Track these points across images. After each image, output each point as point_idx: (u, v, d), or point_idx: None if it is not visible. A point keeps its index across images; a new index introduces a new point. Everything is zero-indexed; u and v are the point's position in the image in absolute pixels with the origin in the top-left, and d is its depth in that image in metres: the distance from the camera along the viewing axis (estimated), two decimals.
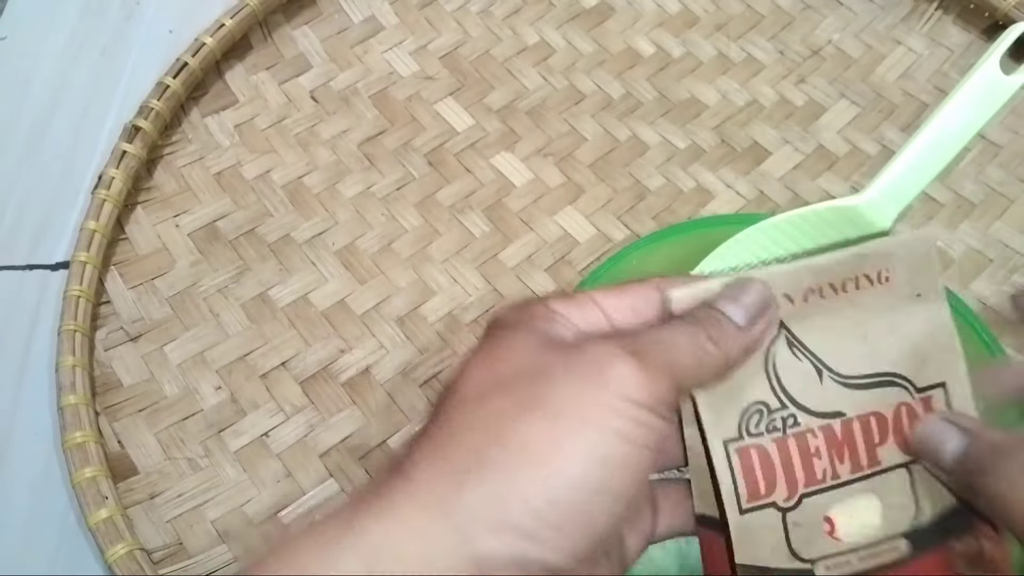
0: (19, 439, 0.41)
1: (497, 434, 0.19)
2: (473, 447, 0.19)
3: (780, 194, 0.49)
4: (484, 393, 0.20)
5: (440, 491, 0.18)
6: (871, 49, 0.54)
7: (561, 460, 0.19)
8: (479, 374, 0.21)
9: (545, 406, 0.19)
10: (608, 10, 0.56)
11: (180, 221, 0.47)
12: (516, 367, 0.21)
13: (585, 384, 0.20)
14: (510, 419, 0.19)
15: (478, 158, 0.50)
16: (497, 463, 0.19)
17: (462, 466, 0.19)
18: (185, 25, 0.52)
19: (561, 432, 0.19)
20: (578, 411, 0.19)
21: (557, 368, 0.20)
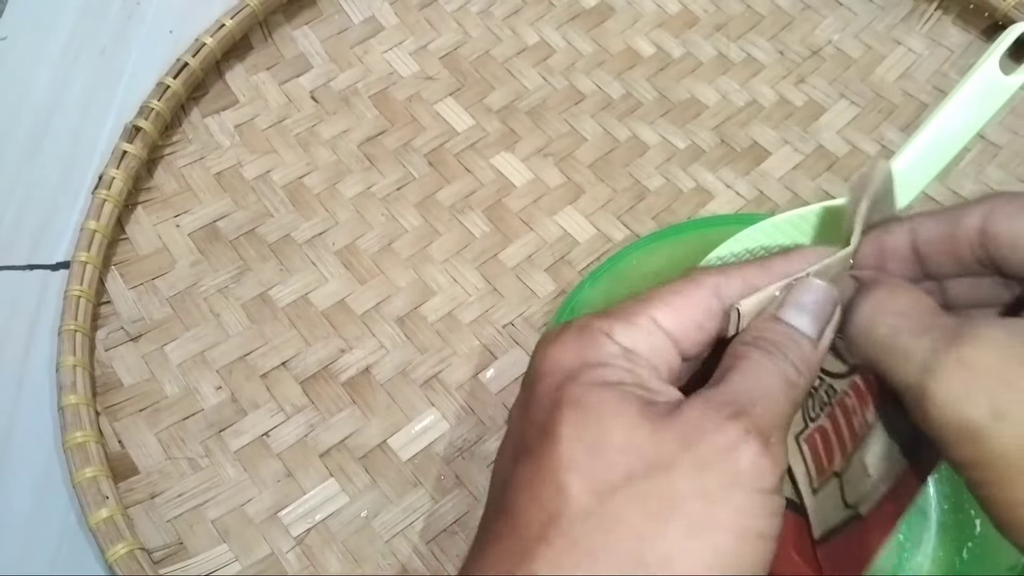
0: (19, 439, 0.41)
1: (636, 556, 0.17)
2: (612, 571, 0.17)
3: (780, 194, 0.49)
4: (605, 495, 0.18)
5: None
6: (871, 49, 0.54)
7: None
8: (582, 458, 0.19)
9: (679, 514, 0.18)
10: (608, 10, 0.56)
11: (180, 221, 0.47)
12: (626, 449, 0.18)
13: (716, 480, 0.18)
14: (645, 533, 0.18)
15: (478, 158, 0.50)
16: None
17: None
18: (185, 25, 0.52)
19: (701, 546, 0.18)
20: (714, 517, 0.18)
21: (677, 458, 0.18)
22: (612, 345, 0.21)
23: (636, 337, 0.21)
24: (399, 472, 0.40)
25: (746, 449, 0.18)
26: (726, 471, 0.18)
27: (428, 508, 0.40)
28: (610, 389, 0.20)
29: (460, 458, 0.41)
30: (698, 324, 0.21)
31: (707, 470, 0.18)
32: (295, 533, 0.39)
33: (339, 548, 0.39)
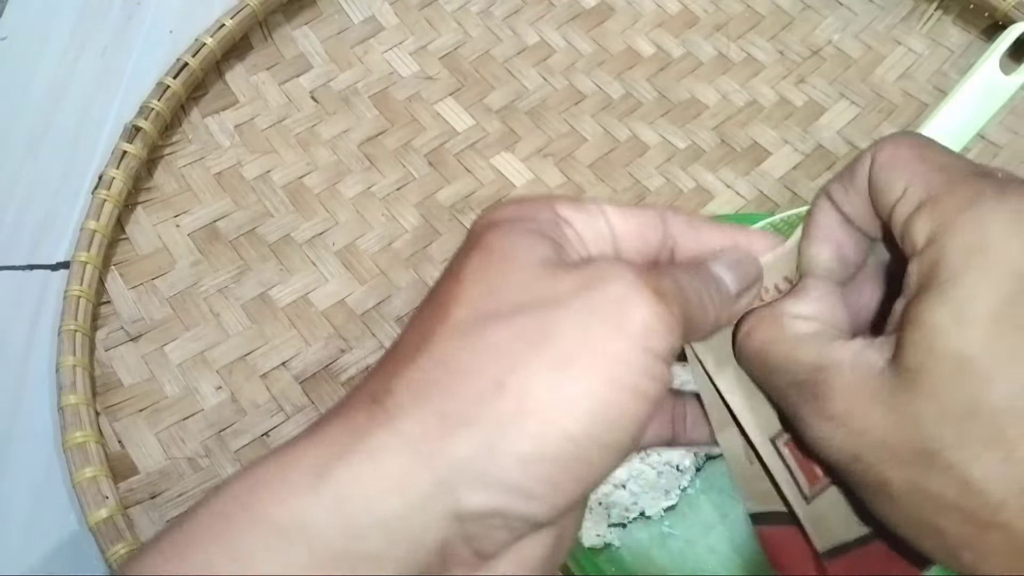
0: (19, 439, 0.41)
1: (496, 378, 0.17)
2: (469, 392, 0.17)
3: (780, 194, 0.49)
4: (482, 321, 0.18)
5: (427, 438, 0.17)
6: (871, 49, 0.54)
7: (564, 415, 0.17)
8: (475, 291, 0.18)
9: (553, 347, 0.17)
10: (608, 10, 0.56)
11: (180, 221, 0.47)
12: (520, 287, 0.18)
13: (601, 324, 0.17)
14: (512, 360, 0.17)
15: (478, 158, 0.50)
16: (493, 412, 0.17)
17: (454, 413, 0.17)
18: (185, 25, 0.53)
19: (568, 382, 0.17)
20: (590, 358, 0.17)
21: (570, 297, 0.18)
22: (550, 212, 0.20)
23: (578, 216, 0.20)
24: None
25: (641, 304, 0.18)
26: (614, 319, 0.18)
27: None
28: (524, 236, 0.19)
29: None
30: (640, 232, 0.21)
31: (595, 314, 0.18)
32: None
33: None
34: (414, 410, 0.17)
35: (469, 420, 0.17)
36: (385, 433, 0.17)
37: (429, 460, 0.16)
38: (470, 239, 0.20)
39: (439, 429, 0.17)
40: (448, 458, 0.16)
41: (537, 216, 0.20)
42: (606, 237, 0.21)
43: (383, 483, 0.16)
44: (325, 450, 0.17)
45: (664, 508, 0.39)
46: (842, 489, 0.23)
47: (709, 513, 0.40)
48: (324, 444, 0.17)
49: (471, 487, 0.17)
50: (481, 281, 0.19)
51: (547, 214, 0.20)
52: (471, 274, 0.19)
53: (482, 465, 0.17)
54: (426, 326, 0.18)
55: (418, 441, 0.17)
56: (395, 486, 0.16)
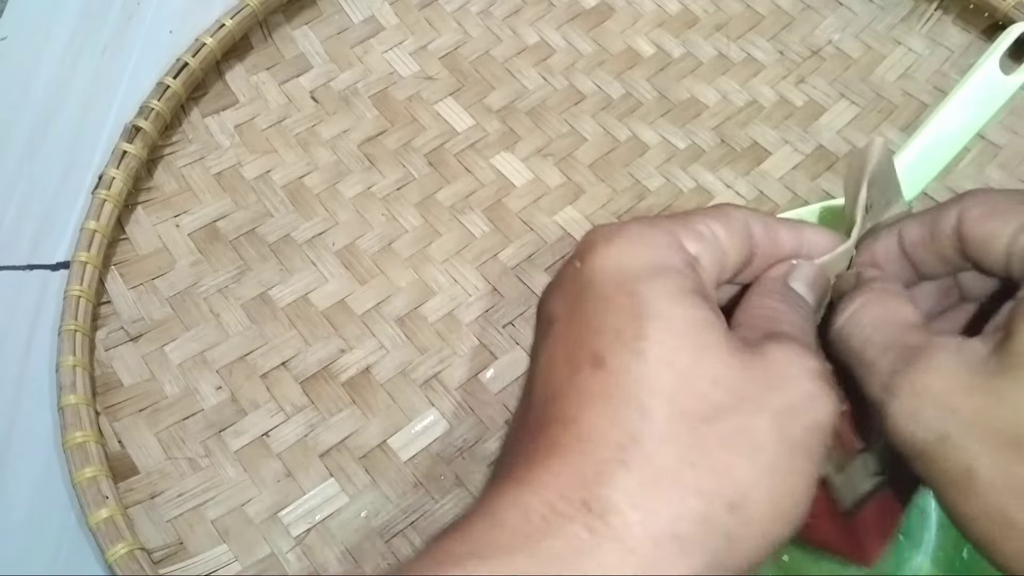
0: (19, 439, 0.41)
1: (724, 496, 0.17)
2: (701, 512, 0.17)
3: (780, 194, 0.49)
4: (691, 422, 0.18)
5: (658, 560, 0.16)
6: (871, 49, 0.54)
7: (778, 524, 0.18)
8: (670, 380, 0.18)
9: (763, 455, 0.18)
10: (608, 10, 0.56)
11: (180, 221, 0.47)
12: (716, 380, 0.18)
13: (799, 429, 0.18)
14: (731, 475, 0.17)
15: (478, 158, 0.50)
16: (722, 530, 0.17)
17: (690, 537, 0.17)
18: (185, 25, 0.52)
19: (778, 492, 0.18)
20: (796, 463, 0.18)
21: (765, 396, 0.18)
22: (682, 251, 0.20)
23: (700, 247, 0.20)
24: (399, 472, 0.40)
25: (826, 402, 0.19)
26: (808, 420, 0.18)
27: (428, 508, 0.40)
28: (698, 306, 0.19)
29: (460, 458, 0.41)
30: (739, 247, 0.22)
31: (792, 417, 0.18)
32: (295, 533, 0.39)
33: (339, 548, 0.39)
34: (643, 530, 0.16)
35: (700, 543, 0.17)
36: (615, 554, 0.16)
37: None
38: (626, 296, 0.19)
39: (671, 553, 0.16)
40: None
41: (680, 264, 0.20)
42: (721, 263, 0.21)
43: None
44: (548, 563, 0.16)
45: None
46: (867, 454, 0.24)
47: None
48: (544, 560, 0.16)
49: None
50: (674, 366, 0.18)
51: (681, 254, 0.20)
52: (660, 354, 0.18)
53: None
54: (622, 418, 0.17)
55: (650, 565, 0.16)
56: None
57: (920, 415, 0.19)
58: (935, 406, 0.19)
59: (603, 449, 0.17)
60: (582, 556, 0.16)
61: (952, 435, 0.19)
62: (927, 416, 0.19)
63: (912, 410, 0.19)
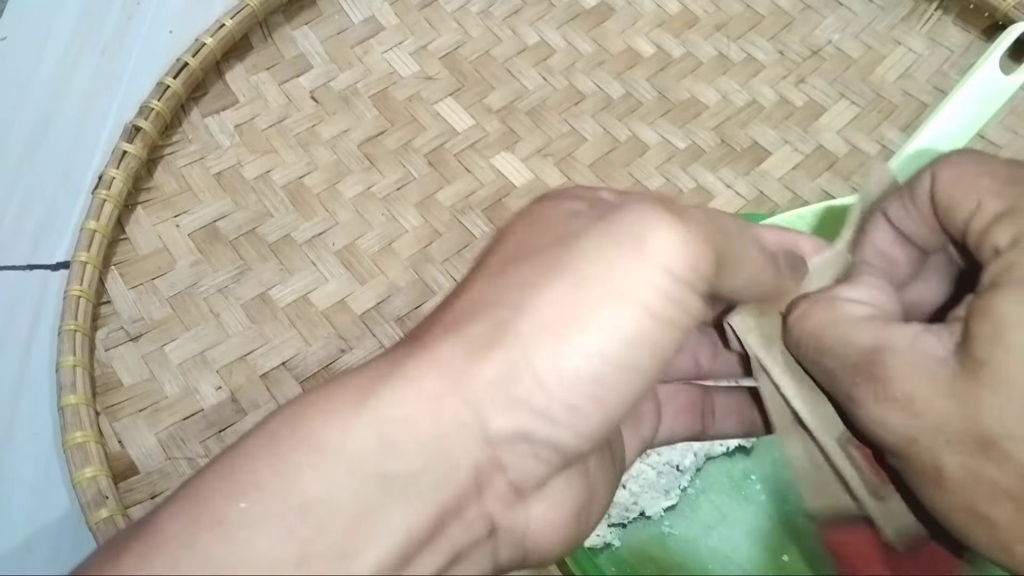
0: (19, 439, 0.41)
1: (516, 303, 0.17)
2: (491, 317, 0.17)
3: (780, 194, 0.49)
4: (510, 261, 0.19)
5: (456, 363, 0.17)
6: (871, 49, 0.54)
7: (581, 333, 0.17)
8: (509, 243, 0.19)
9: (571, 272, 0.17)
10: (608, 10, 0.56)
11: (180, 221, 0.47)
12: (545, 235, 0.19)
13: (619, 249, 0.17)
14: (531, 287, 0.18)
15: (478, 158, 0.50)
16: (513, 334, 0.17)
17: (479, 338, 0.17)
18: (185, 25, 0.52)
19: (585, 302, 0.17)
20: (607, 280, 0.17)
21: (590, 231, 0.18)
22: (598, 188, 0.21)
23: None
24: None
25: (663, 227, 0.17)
26: (631, 242, 0.18)
27: None
28: (570, 196, 0.20)
29: None
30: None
31: (611, 239, 0.18)
32: None
33: None
34: (445, 339, 0.18)
35: (491, 343, 0.17)
36: (419, 360, 0.17)
37: (457, 382, 0.17)
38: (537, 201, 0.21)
39: (465, 353, 0.17)
40: (474, 380, 0.17)
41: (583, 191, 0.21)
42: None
43: (418, 404, 0.17)
44: (368, 377, 0.18)
45: (664, 508, 0.39)
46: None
47: (709, 513, 0.40)
48: (367, 373, 0.18)
49: (496, 408, 0.17)
50: (514, 234, 0.20)
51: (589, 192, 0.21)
52: (508, 232, 0.20)
53: (505, 386, 0.17)
54: (466, 277, 0.20)
55: (447, 365, 0.17)
56: (429, 407, 0.17)
57: (886, 422, 0.20)
58: (898, 412, 0.19)
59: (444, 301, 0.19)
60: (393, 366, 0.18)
61: (919, 438, 0.19)
62: (893, 422, 0.19)
63: (878, 416, 0.20)
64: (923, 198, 0.22)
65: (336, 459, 0.16)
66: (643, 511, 0.39)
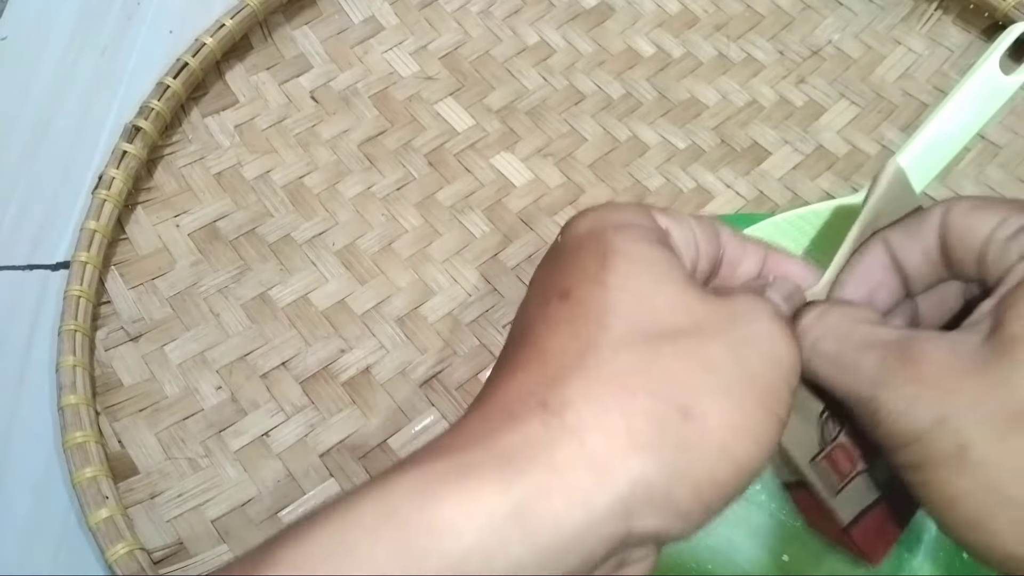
0: (19, 439, 0.41)
1: (681, 406, 0.17)
2: (654, 412, 0.17)
3: (780, 194, 0.49)
4: (651, 342, 0.18)
5: (614, 456, 0.16)
6: (871, 49, 0.54)
7: (736, 444, 0.18)
8: (630, 302, 0.19)
9: (723, 378, 0.18)
10: (608, 10, 0.56)
11: (180, 221, 0.47)
12: (675, 311, 0.19)
13: (758, 362, 0.18)
14: (691, 389, 0.17)
15: (478, 158, 0.50)
16: (679, 438, 0.17)
17: (642, 433, 0.17)
18: (185, 25, 0.53)
19: (739, 414, 0.18)
20: (752, 391, 0.18)
21: (726, 326, 0.19)
22: (653, 220, 0.21)
23: (673, 225, 0.21)
24: None
25: (789, 343, 0.19)
26: (768, 354, 0.19)
27: None
28: (656, 247, 0.20)
29: None
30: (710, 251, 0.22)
31: (751, 347, 0.19)
32: None
33: None
34: (598, 426, 0.17)
35: (655, 442, 0.17)
36: (570, 448, 0.16)
37: (614, 480, 0.16)
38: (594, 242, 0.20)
39: (625, 449, 0.17)
40: (631, 479, 0.17)
41: (648, 224, 0.21)
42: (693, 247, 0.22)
43: (569, 502, 0.16)
44: (504, 458, 0.16)
45: None
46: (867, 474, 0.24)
47: None
48: (500, 451, 0.16)
49: (647, 510, 0.17)
50: (634, 292, 0.19)
51: (652, 223, 0.21)
52: (620, 282, 0.19)
53: (663, 490, 0.17)
54: (583, 334, 0.18)
55: (605, 461, 0.17)
56: (581, 505, 0.16)
57: (917, 400, 0.19)
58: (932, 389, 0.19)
59: (562, 358, 0.18)
60: (536, 449, 0.16)
61: (949, 416, 0.19)
62: (924, 400, 0.19)
63: (908, 396, 0.20)
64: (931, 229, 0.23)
65: (470, 550, 0.15)
66: None
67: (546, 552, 0.16)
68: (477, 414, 0.18)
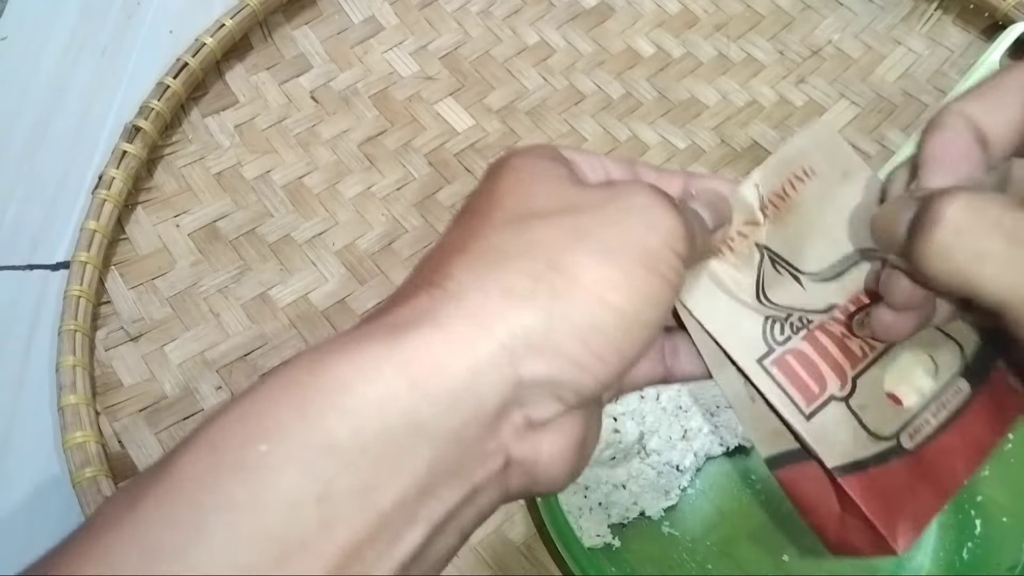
0: (19, 439, 0.41)
1: (550, 260, 0.19)
2: (525, 270, 0.19)
3: None
4: (526, 218, 0.20)
5: (490, 309, 0.18)
6: (871, 49, 0.54)
7: (611, 291, 0.19)
8: (512, 200, 0.21)
9: (597, 240, 0.19)
10: (608, 10, 0.56)
11: (180, 221, 0.47)
12: (552, 198, 0.20)
13: (636, 223, 0.20)
14: (561, 248, 0.19)
15: (478, 158, 0.50)
16: (549, 287, 0.18)
17: (513, 287, 0.18)
18: (185, 25, 0.52)
19: (612, 265, 0.19)
20: (628, 248, 0.19)
21: (602, 203, 0.20)
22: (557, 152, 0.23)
23: (579, 158, 0.23)
24: None
25: (668, 211, 0.20)
26: (646, 220, 0.20)
27: None
28: (544, 159, 0.22)
29: None
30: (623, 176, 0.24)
31: (628, 214, 0.20)
32: None
33: None
34: (475, 287, 0.18)
35: (527, 294, 0.18)
36: (450, 307, 0.18)
37: (493, 329, 0.18)
38: (492, 170, 0.22)
39: (500, 302, 0.18)
40: (510, 328, 0.18)
41: (549, 151, 0.22)
42: (602, 173, 0.23)
43: (451, 349, 0.18)
44: (390, 326, 0.18)
45: (664, 508, 0.39)
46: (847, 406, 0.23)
47: (709, 513, 0.40)
48: (389, 321, 0.18)
49: (531, 355, 0.18)
50: (515, 193, 0.21)
51: (556, 153, 0.23)
52: (505, 187, 0.21)
53: (541, 334, 0.18)
54: (470, 226, 0.20)
55: (482, 313, 0.18)
56: (463, 352, 0.18)
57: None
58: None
59: (449, 247, 0.20)
60: (421, 313, 0.18)
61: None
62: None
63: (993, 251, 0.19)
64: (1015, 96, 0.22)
65: (363, 402, 0.17)
66: (643, 511, 0.39)
67: (437, 398, 0.17)
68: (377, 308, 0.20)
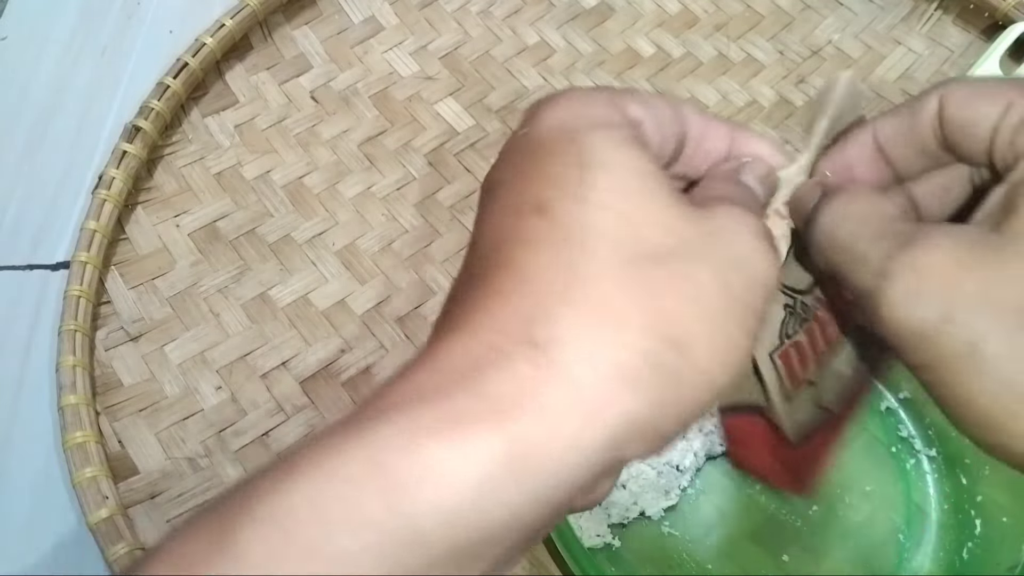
0: (19, 439, 0.41)
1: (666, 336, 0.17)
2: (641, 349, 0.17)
3: None
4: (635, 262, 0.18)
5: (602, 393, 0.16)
6: (871, 49, 0.54)
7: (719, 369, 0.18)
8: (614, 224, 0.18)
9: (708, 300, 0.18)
10: (608, 10, 0.56)
11: (180, 221, 0.47)
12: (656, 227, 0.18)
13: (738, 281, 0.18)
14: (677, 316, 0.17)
15: (478, 158, 0.50)
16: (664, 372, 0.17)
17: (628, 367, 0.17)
18: (185, 25, 0.52)
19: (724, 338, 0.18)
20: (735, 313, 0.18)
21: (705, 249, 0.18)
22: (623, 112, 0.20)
23: (642, 111, 0.21)
24: None
25: (767, 257, 0.19)
26: (751, 274, 0.19)
27: None
28: (638, 154, 0.19)
29: None
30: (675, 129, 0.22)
31: (735, 269, 0.18)
32: None
33: None
34: (585, 360, 0.17)
35: (643, 378, 0.17)
36: (559, 392, 0.16)
37: (603, 417, 0.16)
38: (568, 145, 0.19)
39: (613, 385, 0.16)
40: (618, 416, 0.16)
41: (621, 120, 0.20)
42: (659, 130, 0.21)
43: (561, 446, 0.16)
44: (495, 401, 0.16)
45: (664, 508, 0.39)
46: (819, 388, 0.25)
47: (709, 513, 0.40)
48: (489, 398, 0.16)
49: (634, 440, 0.17)
50: (616, 210, 0.18)
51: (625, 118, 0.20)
52: (602, 199, 0.18)
53: (648, 422, 0.17)
54: (565, 258, 0.18)
55: (594, 400, 0.16)
56: (571, 447, 0.16)
57: (921, 293, 0.19)
58: (937, 282, 0.19)
59: (547, 289, 0.17)
60: (525, 391, 0.16)
61: (956, 311, 0.18)
62: (928, 293, 0.19)
63: (912, 289, 0.19)
64: (926, 119, 0.22)
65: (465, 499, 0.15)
66: (643, 511, 0.39)
67: (540, 495, 0.16)
68: (459, 346, 0.17)
